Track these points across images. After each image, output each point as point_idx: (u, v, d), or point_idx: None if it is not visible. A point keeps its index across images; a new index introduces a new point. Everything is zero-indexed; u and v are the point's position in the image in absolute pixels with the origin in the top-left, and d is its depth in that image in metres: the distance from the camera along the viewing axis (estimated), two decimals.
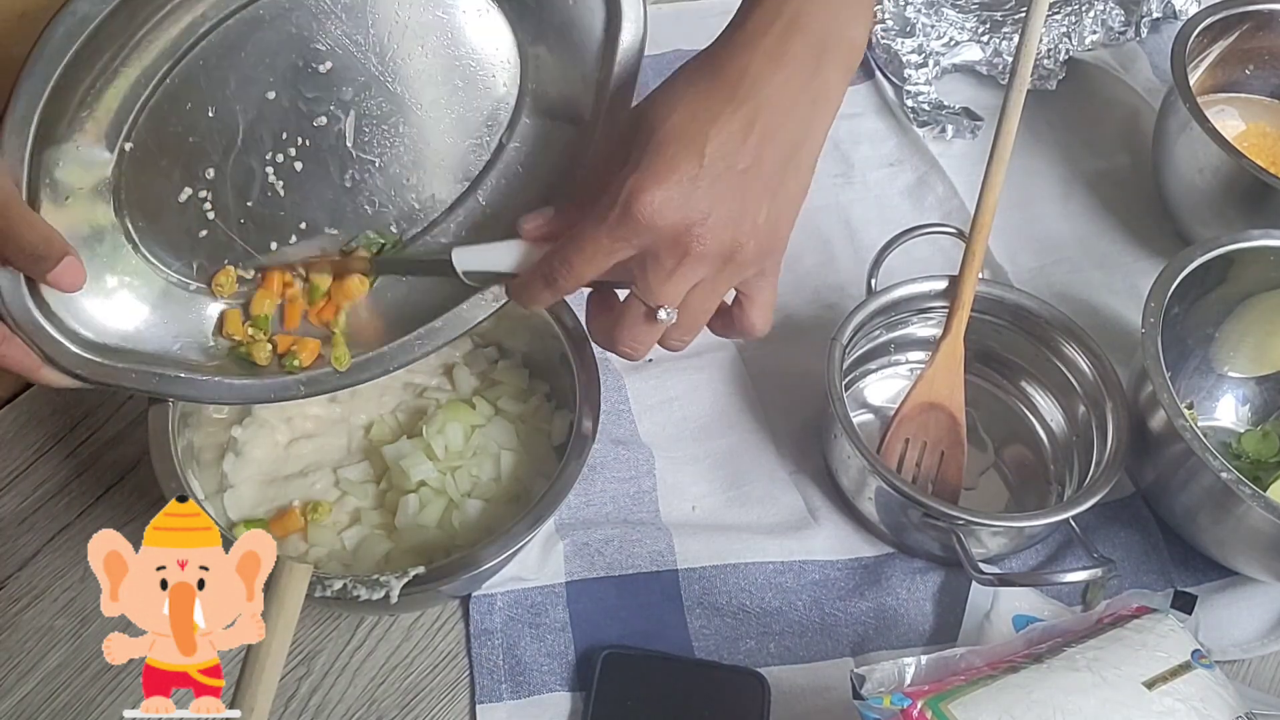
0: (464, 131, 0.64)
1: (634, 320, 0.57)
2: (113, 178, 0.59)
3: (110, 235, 0.61)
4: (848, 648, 0.73)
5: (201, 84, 0.58)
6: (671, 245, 0.54)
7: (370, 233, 0.65)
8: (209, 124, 0.60)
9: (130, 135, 0.58)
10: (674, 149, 0.53)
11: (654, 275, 0.55)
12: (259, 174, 0.61)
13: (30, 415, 0.79)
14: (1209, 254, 0.77)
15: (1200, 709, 0.58)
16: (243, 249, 0.63)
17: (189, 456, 0.69)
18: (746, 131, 0.53)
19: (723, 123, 0.53)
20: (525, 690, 0.69)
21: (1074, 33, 1.01)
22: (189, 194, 0.61)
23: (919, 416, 0.77)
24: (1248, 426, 0.83)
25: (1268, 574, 0.74)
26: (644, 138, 0.54)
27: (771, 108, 0.54)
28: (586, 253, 0.55)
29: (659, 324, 0.56)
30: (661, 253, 0.54)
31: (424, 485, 0.72)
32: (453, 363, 0.78)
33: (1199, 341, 0.83)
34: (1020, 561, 0.77)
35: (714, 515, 0.78)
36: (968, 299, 0.77)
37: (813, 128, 0.56)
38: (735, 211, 0.54)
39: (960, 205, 0.94)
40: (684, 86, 0.55)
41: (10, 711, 0.68)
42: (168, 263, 0.62)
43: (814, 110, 0.56)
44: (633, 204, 0.53)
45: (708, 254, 0.54)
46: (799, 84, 0.54)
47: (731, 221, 0.54)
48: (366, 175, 0.63)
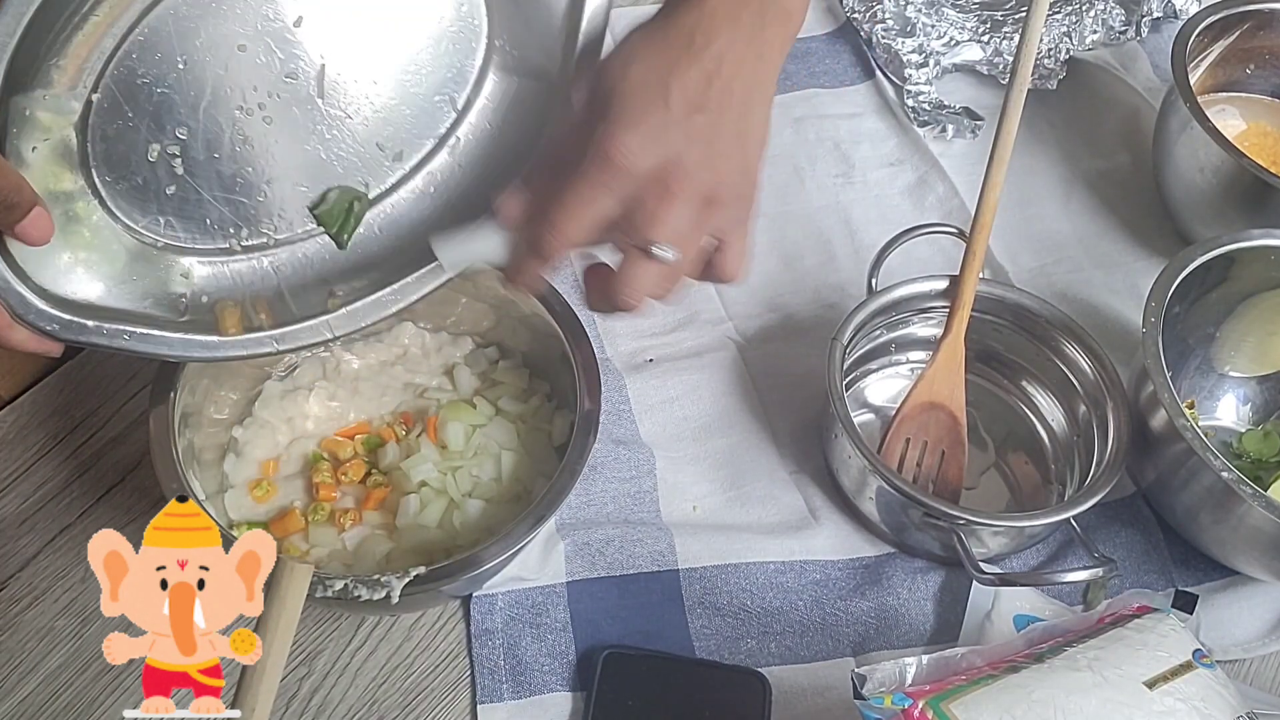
0: (432, 87, 0.64)
1: (629, 266, 0.57)
2: (79, 130, 0.58)
3: (77, 189, 0.60)
4: (849, 647, 0.73)
5: (171, 35, 0.58)
6: (652, 185, 0.55)
7: (337, 188, 0.64)
8: (178, 76, 0.59)
9: (98, 86, 0.58)
10: (639, 98, 0.55)
11: (641, 216, 0.55)
12: (227, 128, 0.61)
13: (31, 415, 0.79)
14: (1210, 253, 0.77)
15: (1201, 709, 0.58)
16: (211, 204, 0.62)
17: (190, 457, 0.69)
18: (704, 80, 0.55)
19: (680, 71, 0.55)
20: (526, 690, 0.69)
21: (1074, 32, 1.01)
22: (157, 148, 0.60)
23: (920, 416, 0.77)
24: (1249, 426, 0.83)
25: (1268, 574, 0.74)
26: (605, 93, 0.56)
27: (724, 59, 0.56)
28: (569, 209, 0.55)
29: (654, 262, 0.56)
30: (645, 195, 0.55)
31: (425, 485, 0.72)
32: (453, 363, 0.79)
33: (1200, 341, 0.83)
34: (1021, 561, 0.77)
35: (715, 515, 0.78)
36: (968, 299, 0.77)
37: (762, 80, 0.58)
38: (707, 153, 0.56)
39: (961, 205, 0.94)
40: (639, 45, 0.57)
41: (12, 712, 0.68)
42: (135, 219, 0.61)
43: (760, 65, 0.58)
44: (609, 151, 0.54)
45: (688, 192, 0.55)
46: (745, 40, 0.57)
47: (706, 161, 0.56)
48: (335, 131, 0.63)
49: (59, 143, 0.58)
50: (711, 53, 0.56)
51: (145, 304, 0.62)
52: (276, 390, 0.76)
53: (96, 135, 0.59)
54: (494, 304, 0.77)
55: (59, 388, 0.80)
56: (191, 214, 0.63)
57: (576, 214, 0.55)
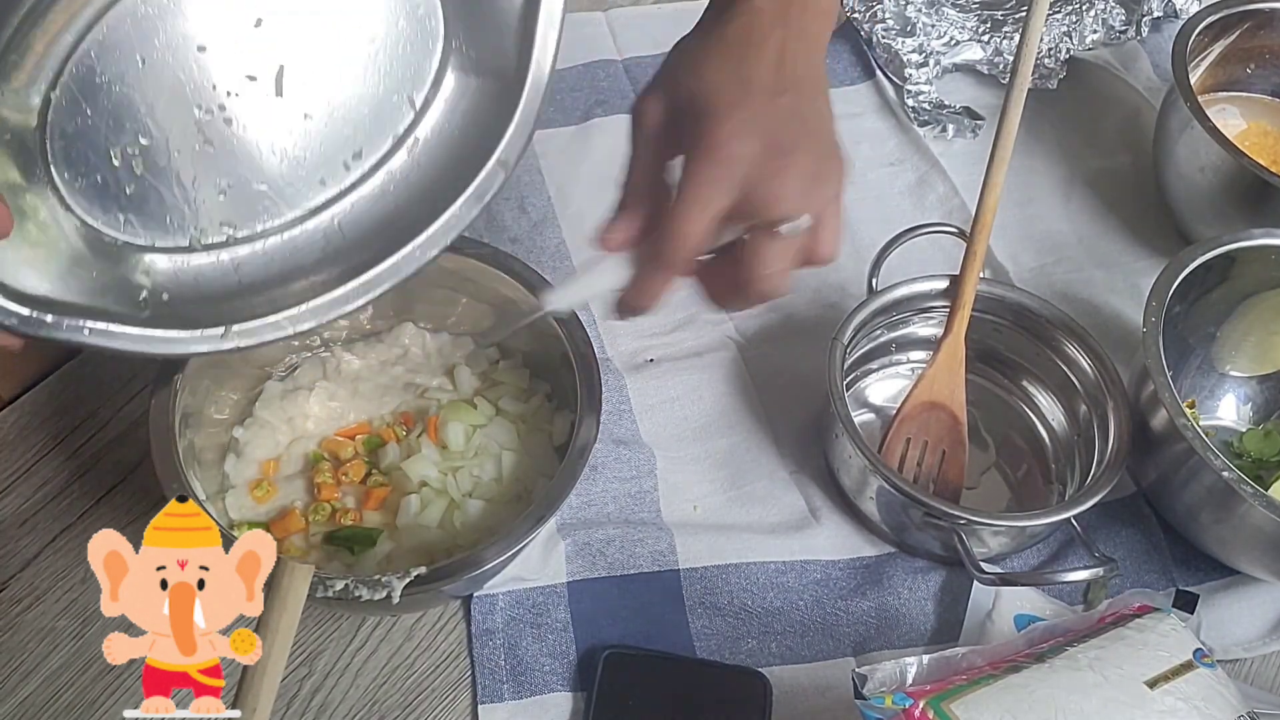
0: (391, 87, 0.64)
1: (761, 250, 0.58)
2: (39, 126, 0.58)
3: (36, 185, 0.59)
4: (849, 647, 0.73)
5: (130, 34, 0.58)
6: (763, 167, 0.56)
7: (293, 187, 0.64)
8: (138, 75, 0.59)
9: (56, 84, 0.57)
10: (723, 93, 0.57)
11: (760, 197, 0.56)
12: (188, 128, 0.61)
13: (32, 416, 0.79)
14: (1210, 253, 0.77)
15: (1202, 708, 0.58)
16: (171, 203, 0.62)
17: (190, 457, 0.69)
18: (775, 68, 0.57)
19: (751, 63, 0.57)
20: (527, 690, 0.69)
21: (1075, 32, 1.01)
22: (117, 146, 0.60)
23: (920, 416, 0.77)
24: (1249, 425, 0.83)
25: (1269, 573, 0.74)
26: (686, 99, 0.58)
27: (785, 50, 0.58)
28: (692, 213, 0.56)
29: (781, 240, 0.57)
30: (758, 177, 0.56)
31: (425, 485, 0.72)
32: (454, 363, 0.79)
33: (1200, 341, 0.83)
34: (1022, 561, 0.76)
35: (715, 515, 0.78)
36: (969, 298, 0.77)
37: (819, 68, 0.61)
38: (801, 130, 0.58)
39: (961, 205, 0.94)
40: (698, 49, 0.59)
41: (13, 712, 0.68)
42: (95, 215, 0.61)
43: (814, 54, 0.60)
44: (714, 144, 0.56)
45: (797, 166, 0.56)
46: (796, 34, 0.59)
47: (803, 137, 0.57)
48: (295, 131, 0.63)
49: (15, 138, 0.58)
50: (772, 44, 0.58)
51: (105, 299, 0.62)
52: (277, 390, 0.76)
53: (55, 133, 0.59)
54: (494, 304, 0.77)
55: (59, 388, 0.81)
56: (152, 212, 0.62)
57: (696, 214, 0.56)
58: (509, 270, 0.75)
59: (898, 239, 0.81)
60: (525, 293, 0.74)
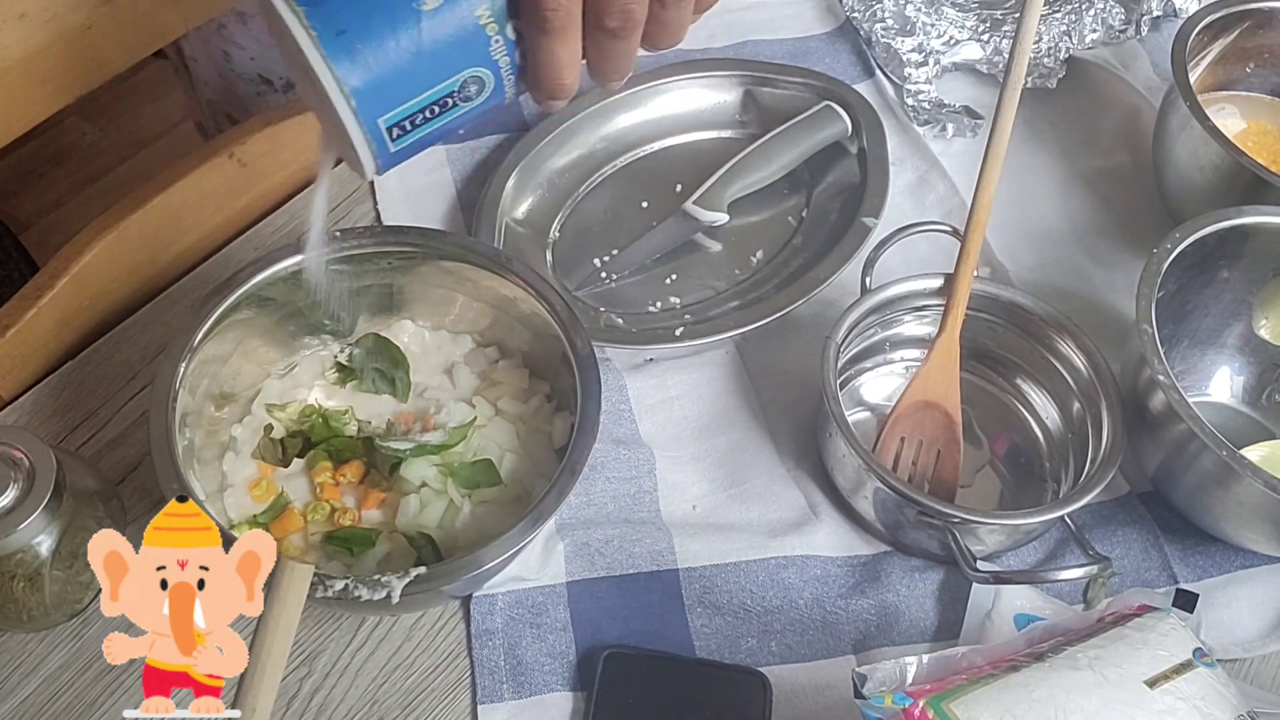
0: None
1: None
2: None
3: None
4: (849, 646, 0.73)
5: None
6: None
7: None
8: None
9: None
10: None
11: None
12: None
13: (32, 416, 0.79)
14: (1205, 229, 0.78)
15: (1202, 708, 0.58)
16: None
17: (190, 456, 0.69)
18: None
19: None
20: (526, 690, 0.70)
21: (1074, 31, 1.01)
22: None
23: (914, 414, 0.77)
24: (1242, 399, 0.84)
25: (1274, 547, 0.74)
26: None
27: None
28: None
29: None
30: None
31: (425, 486, 0.72)
32: (453, 362, 0.79)
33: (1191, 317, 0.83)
34: (1018, 559, 0.77)
35: (715, 514, 0.78)
36: (963, 297, 0.77)
37: None
38: None
39: (961, 204, 0.94)
40: None
41: (13, 712, 0.68)
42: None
43: None
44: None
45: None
46: None
47: None
48: None
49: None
50: None
51: None
52: (276, 389, 0.76)
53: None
54: (493, 303, 0.77)
55: (59, 388, 0.80)
56: None
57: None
58: (507, 269, 0.75)
59: (890, 238, 0.81)
60: (524, 292, 0.74)
